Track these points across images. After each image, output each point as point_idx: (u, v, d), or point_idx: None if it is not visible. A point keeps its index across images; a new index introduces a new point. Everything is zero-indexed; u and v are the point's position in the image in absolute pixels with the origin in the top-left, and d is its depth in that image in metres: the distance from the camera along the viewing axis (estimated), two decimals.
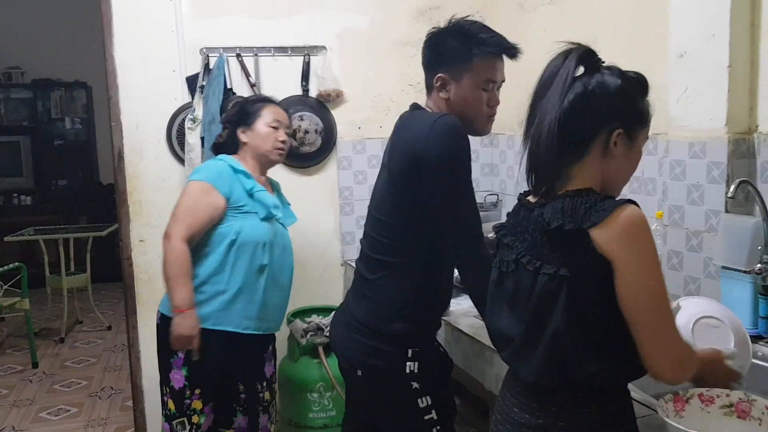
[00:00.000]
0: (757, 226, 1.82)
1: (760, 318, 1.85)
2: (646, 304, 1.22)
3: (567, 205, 1.27)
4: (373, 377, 1.85)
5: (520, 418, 1.36)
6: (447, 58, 1.82)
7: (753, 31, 1.94)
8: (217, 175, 2.29)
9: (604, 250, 1.21)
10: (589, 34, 2.58)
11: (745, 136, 1.95)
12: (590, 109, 1.29)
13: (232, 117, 2.46)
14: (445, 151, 1.72)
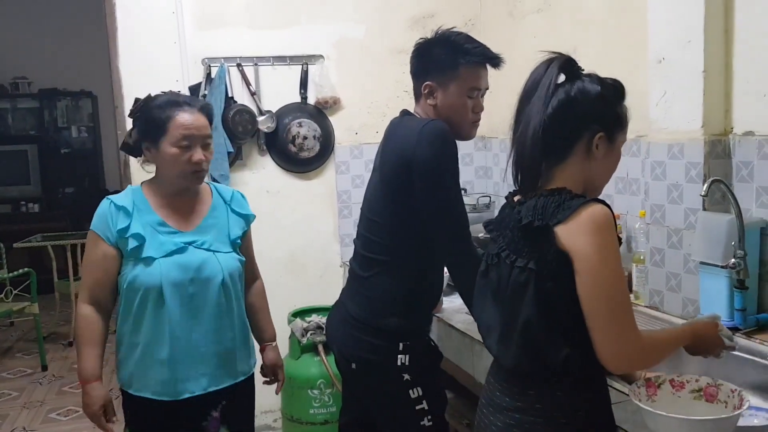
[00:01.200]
0: (731, 223, 1.90)
1: (735, 310, 1.93)
2: (599, 296, 1.28)
3: (540, 203, 1.36)
4: (366, 370, 1.95)
5: (501, 401, 1.45)
6: (434, 67, 1.92)
7: (726, 38, 2.03)
8: (98, 220, 1.90)
9: (565, 245, 1.30)
10: (575, 40, 2.69)
11: (720, 137, 2.04)
12: (573, 114, 1.38)
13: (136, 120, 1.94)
14: (434, 155, 1.82)
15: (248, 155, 3.22)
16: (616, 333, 1.29)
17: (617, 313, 1.29)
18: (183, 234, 1.91)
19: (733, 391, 1.41)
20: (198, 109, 1.89)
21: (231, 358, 1.98)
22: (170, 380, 1.89)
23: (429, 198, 1.85)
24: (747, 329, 1.92)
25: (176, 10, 3.01)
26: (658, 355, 1.40)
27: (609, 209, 1.33)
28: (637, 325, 1.32)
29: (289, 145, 3.20)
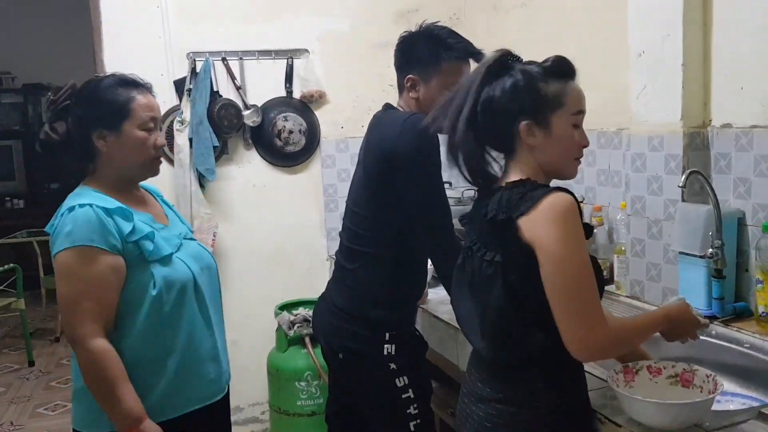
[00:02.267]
0: (709, 214, 1.94)
1: (713, 299, 1.98)
2: (562, 285, 1.30)
3: (504, 196, 1.38)
4: (353, 360, 1.98)
5: (482, 392, 1.47)
6: (417, 60, 1.95)
7: (705, 31, 2.06)
8: (90, 231, 1.58)
9: (528, 237, 1.32)
10: (557, 34, 2.72)
11: (699, 129, 2.07)
12: (494, 112, 1.41)
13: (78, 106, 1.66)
14: (415, 148, 1.85)
15: (234, 149, 3.22)
16: (580, 321, 1.30)
17: (581, 302, 1.30)
18: (169, 228, 1.79)
19: (708, 376, 1.45)
20: (149, 90, 1.73)
21: (226, 350, 1.90)
22: (218, 375, 1.79)
23: (411, 190, 1.88)
24: (724, 317, 1.96)
25: (161, 4, 3.01)
26: (629, 342, 1.43)
27: (572, 197, 1.34)
28: (604, 313, 1.33)
29: (274, 139, 3.21)
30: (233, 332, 3.24)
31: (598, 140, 2.55)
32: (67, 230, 1.58)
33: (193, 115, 2.99)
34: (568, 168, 1.48)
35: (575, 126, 1.44)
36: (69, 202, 1.63)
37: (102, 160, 1.67)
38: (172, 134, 3.03)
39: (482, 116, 1.41)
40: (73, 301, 1.58)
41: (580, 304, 1.31)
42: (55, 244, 1.60)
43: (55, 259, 1.60)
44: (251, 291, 3.28)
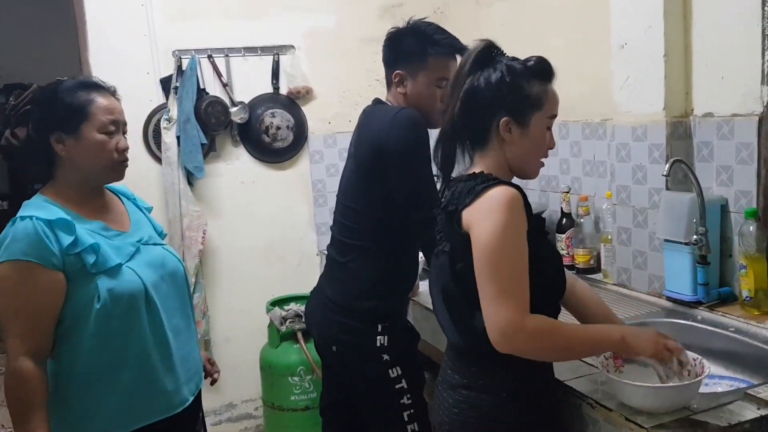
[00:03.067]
0: (693, 201, 1.98)
1: (698, 285, 2.02)
2: (483, 272, 1.34)
3: (458, 188, 1.44)
4: (346, 351, 2.01)
5: (451, 378, 1.53)
6: (404, 56, 1.97)
7: (686, 23, 2.11)
8: (27, 246, 1.51)
9: (465, 226, 1.38)
10: (540, 28, 2.76)
11: (681, 119, 2.12)
12: (476, 104, 1.45)
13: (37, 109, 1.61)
14: (405, 142, 1.88)
15: (222, 147, 3.23)
16: (495, 308, 1.32)
17: (497, 288, 1.32)
18: (127, 234, 1.70)
19: (695, 360, 1.48)
20: (111, 93, 1.68)
21: (197, 358, 1.83)
22: (176, 389, 1.69)
23: (401, 183, 1.91)
24: (710, 302, 2.01)
25: (145, 2, 3.00)
26: (556, 344, 1.38)
27: (517, 191, 1.37)
28: (526, 305, 1.33)
29: (262, 135, 3.22)
30: (225, 329, 3.29)
31: (583, 131, 2.59)
32: (6, 243, 1.52)
33: (180, 113, 2.99)
34: (533, 167, 1.52)
35: (548, 128, 1.49)
36: (20, 212, 1.58)
37: (62, 165, 1.62)
38: (159, 132, 3.03)
39: (463, 106, 1.46)
40: (5, 318, 1.52)
41: (497, 291, 1.32)
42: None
43: None
44: (242, 288, 3.29)
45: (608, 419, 1.45)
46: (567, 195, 2.58)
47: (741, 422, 1.35)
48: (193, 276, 3.05)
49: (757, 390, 1.46)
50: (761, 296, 1.90)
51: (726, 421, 1.35)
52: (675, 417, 1.37)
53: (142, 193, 3.00)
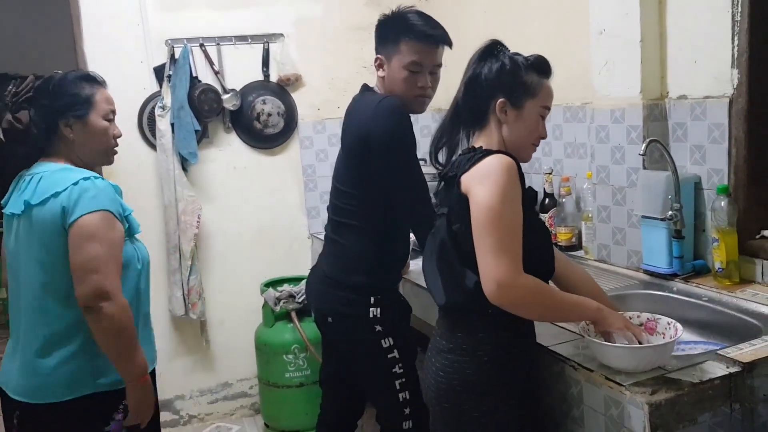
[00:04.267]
0: (668, 180, 2.09)
1: (674, 258, 2.14)
2: (481, 225, 1.47)
3: (458, 159, 1.60)
4: (341, 322, 2.13)
5: (438, 344, 1.65)
6: (383, 41, 2.08)
7: (660, 9, 2.20)
8: (108, 200, 1.75)
9: (464, 189, 1.52)
10: (522, 15, 2.84)
11: (657, 101, 2.23)
12: (478, 86, 1.60)
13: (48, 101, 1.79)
14: (389, 129, 1.99)
15: (214, 133, 3.30)
16: (491, 262, 1.44)
17: (494, 245, 1.44)
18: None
19: (669, 323, 1.61)
20: (105, 86, 1.90)
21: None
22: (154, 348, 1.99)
23: (388, 168, 2.02)
24: (684, 275, 2.13)
25: None
26: (544, 304, 1.51)
27: (513, 160, 1.52)
28: (520, 264, 1.45)
29: (254, 122, 3.30)
30: (220, 311, 3.38)
31: (564, 114, 2.69)
32: (90, 195, 1.71)
33: (174, 101, 3.06)
34: (526, 151, 1.65)
35: (541, 117, 1.63)
36: (69, 175, 1.74)
37: (63, 146, 1.81)
38: (154, 120, 3.10)
39: (466, 89, 1.62)
40: (101, 260, 1.69)
41: (494, 246, 1.45)
42: (75, 209, 1.69)
43: (75, 224, 1.69)
44: (236, 270, 3.38)
45: (589, 380, 1.56)
46: (549, 176, 2.69)
47: (711, 379, 1.46)
48: (189, 259, 3.14)
49: (727, 351, 1.57)
50: (732, 267, 2.02)
51: (698, 378, 1.46)
52: (651, 375, 1.48)
53: (137, 179, 3.13)
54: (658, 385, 1.45)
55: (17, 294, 1.82)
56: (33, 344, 1.77)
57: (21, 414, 1.77)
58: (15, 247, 1.79)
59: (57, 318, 1.75)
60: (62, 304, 1.75)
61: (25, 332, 1.79)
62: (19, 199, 1.76)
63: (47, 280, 1.75)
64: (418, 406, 2.14)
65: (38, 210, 1.72)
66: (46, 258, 1.74)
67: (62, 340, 1.76)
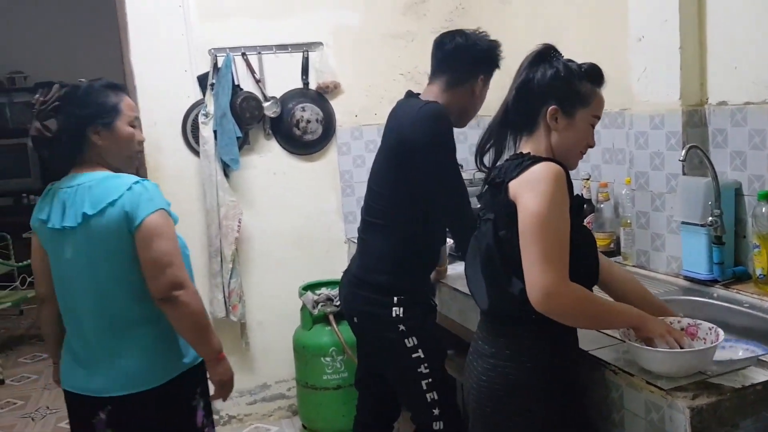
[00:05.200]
0: (708, 185, 2.09)
1: (714, 264, 2.13)
2: (528, 233, 1.47)
3: (505, 165, 1.60)
4: (365, 322, 2.20)
5: (481, 348, 1.67)
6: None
7: (700, 16, 2.21)
8: (162, 199, 1.87)
9: (512, 195, 1.52)
10: (560, 22, 2.86)
11: (697, 107, 2.23)
12: (530, 92, 1.60)
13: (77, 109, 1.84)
14: (430, 133, 2.05)
15: (255, 140, 3.37)
16: (538, 270, 1.46)
17: (542, 252, 1.45)
18: None
19: (710, 328, 1.61)
20: (128, 94, 2.00)
21: None
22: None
23: (428, 172, 2.07)
24: (725, 281, 2.12)
25: (183, 3, 3.16)
26: (590, 312, 1.52)
27: (561, 167, 1.52)
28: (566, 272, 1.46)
29: (293, 128, 3.36)
30: (259, 314, 3.44)
31: (603, 120, 2.66)
32: (146, 197, 1.81)
33: (217, 109, 3.14)
34: (573, 158, 1.67)
35: (591, 126, 1.65)
36: (117, 182, 1.82)
37: (93, 152, 1.87)
38: (197, 127, 3.19)
39: (518, 94, 1.61)
40: (171, 254, 1.81)
41: (541, 254, 1.46)
42: (138, 213, 1.79)
43: (141, 225, 1.79)
44: (275, 274, 3.45)
45: (630, 384, 1.57)
46: (587, 182, 2.70)
47: (753, 384, 1.46)
48: (230, 263, 3.21)
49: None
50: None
51: (740, 383, 1.46)
52: (692, 380, 1.48)
53: (181, 185, 3.22)
54: (700, 390, 1.45)
55: (78, 301, 1.87)
56: (112, 342, 1.86)
57: (113, 409, 1.86)
58: (74, 256, 1.83)
59: (134, 312, 1.86)
60: (136, 300, 1.85)
61: (96, 334, 1.86)
62: (71, 212, 1.80)
63: (119, 281, 1.83)
64: (448, 407, 2.17)
65: (97, 219, 1.79)
66: (115, 261, 1.82)
67: (143, 331, 1.88)
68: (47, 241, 1.89)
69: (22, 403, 4.09)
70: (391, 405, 2.45)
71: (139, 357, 1.87)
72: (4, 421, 3.85)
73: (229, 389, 1.99)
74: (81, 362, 1.90)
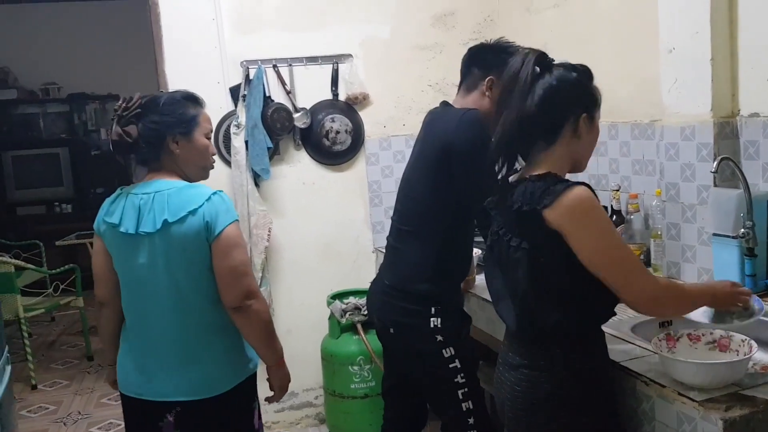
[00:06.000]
0: (740, 197, 2.09)
1: (746, 276, 2.12)
2: (605, 262, 1.50)
3: (528, 188, 1.56)
4: (402, 333, 2.19)
5: (512, 360, 1.67)
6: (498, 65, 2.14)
7: (732, 27, 2.21)
8: (233, 208, 1.95)
9: (555, 225, 1.50)
10: (589, 33, 2.87)
11: (728, 119, 2.22)
12: (557, 101, 1.58)
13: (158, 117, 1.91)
14: (471, 140, 2.07)
15: (285, 150, 3.42)
16: (634, 284, 1.51)
17: (627, 269, 1.51)
18: None
19: (743, 340, 1.61)
20: (204, 107, 2.05)
21: None
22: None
23: (468, 178, 2.08)
24: (757, 293, 2.06)
25: (216, 16, 3.22)
26: (680, 299, 1.61)
27: (589, 188, 1.52)
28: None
29: (323, 139, 3.41)
30: (288, 321, 3.47)
31: (632, 131, 2.69)
32: (224, 208, 1.88)
33: (248, 119, 3.19)
34: (586, 161, 1.69)
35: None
36: (197, 192, 1.88)
37: (169, 161, 1.93)
38: (229, 137, 3.25)
39: (542, 103, 1.57)
40: (246, 263, 1.91)
41: (631, 270, 1.52)
42: (217, 223, 1.85)
43: (221, 236, 1.85)
44: (303, 282, 3.48)
45: (661, 395, 1.57)
46: (617, 193, 2.69)
47: None
48: (260, 271, 3.25)
49: None
50: None
51: None
52: (724, 392, 1.49)
53: None
54: (732, 402, 1.45)
55: (151, 305, 1.91)
56: (185, 347, 1.90)
57: (182, 410, 1.90)
58: (149, 261, 1.87)
59: (209, 319, 1.91)
60: (211, 307, 1.90)
61: (168, 339, 1.90)
62: (149, 218, 1.85)
63: (196, 288, 1.88)
64: (481, 416, 2.18)
65: (177, 227, 1.83)
66: (192, 268, 1.87)
67: (216, 338, 1.93)
68: (116, 245, 1.93)
69: (54, 408, 4.16)
70: (418, 414, 2.46)
71: (211, 364, 1.92)
72: (37, 425, 3.92)
73: (285, 392, 2.09)
74: (146, 367, 1.93)
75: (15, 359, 4.64)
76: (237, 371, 1.96)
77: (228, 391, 1.92)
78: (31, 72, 7.17)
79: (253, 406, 2.04)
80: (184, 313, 1.89)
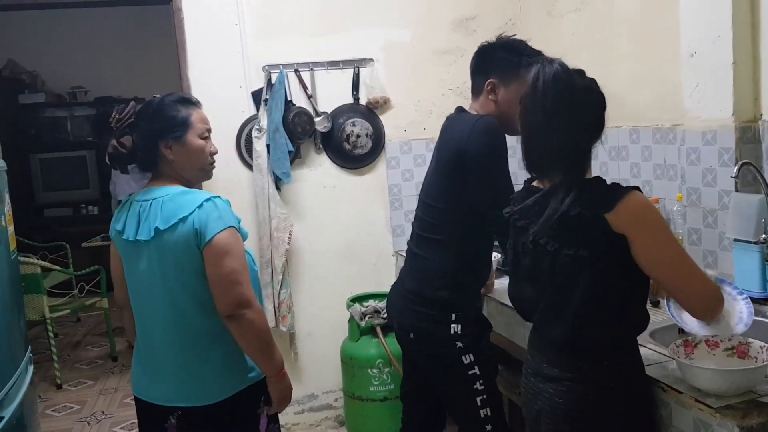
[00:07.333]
0: (762, 203, 2.07)
1: (767, 282, 2.10)
2: (667, 266, 1.52)
3: (576, 194, 1.54)
4: (422, 339, 2.19)
5: (549, 372, 1.65)
6: (498, 66, 2.14)
7: (753, 32, 2.19)
8: (232, 216, 1.89)
9: (619, 229, 1.50)
10: (611, 38, 2.86)
11: (750, 124, 2.20)
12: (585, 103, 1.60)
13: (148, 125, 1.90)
14: (485, 147, 2.07)
15: (306, 154, 3.45)
16: (693, 288, 1.55)
17: (688, 274, 1.54)
18: None
19: (762, 347, 1.59)
20: (200, 106, 2.00)
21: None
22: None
23: (482, 184, 2.08)
24: None
25: (238, 21, 3.27)
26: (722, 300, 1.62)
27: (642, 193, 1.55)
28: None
29: (343, 143, 3.43)
30: (308, 324, 3.50)
31: (654, 136, 2.68)
32: (216, 215, 1.83)
33: (270, 123, 3.23)
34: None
35: None
36: (190, 198, 1.85)
37: (166, 167, 1.92)
38: (251, 141, 3.28)
39: (579, 106, 1.58)
40: (238, 272, 1.82)
41: (688, 276, 1.55)
42: (207, 231, 1.81)
43: (211, 243, 1.80)
44: (323, 285, 3.51)
45: (679, 401, 1.57)
46: None
47: None
48: (280, 274, 3.28)
49: None
50: None
51: None
52: (742, 399, 1.48)
53: (234, 197, 3.22)
54: (750, 409, 1.45)
55: (150, 311, 1.93)
56: (182, 354, 1.90)
57: (182, 414, 1.90)
58: (147, 269, 1.88)
59: (205, 326, 1.89)
60: (207, 315, 1.87)
61: (166, 344, 1.91)
62: (145, 226, 1.86)
63: (191, 295, 1.86)
64: (499, 423, 2.17)
65: (168, 235, 1.83)
66: (185, 276, 1.86)
67: (213, 346, 1.91)
68: (122, 251, 1.96)
69: (78, 407, 4.23)
70: (436, 418, 2.46)
71: (208, 371, 1.90)
72: (61, 424, 3.99)
73: (286, 405, 2.02)
74: (149, 370, 1.96)
75: (41, 359, 4.76)
76: (237, 379, 1.93)
77: (228, 398, 1.90)
78: (58, 76, 7.30)
79: (258, 414, 2.00)
80: (179, 320, 1.88)
